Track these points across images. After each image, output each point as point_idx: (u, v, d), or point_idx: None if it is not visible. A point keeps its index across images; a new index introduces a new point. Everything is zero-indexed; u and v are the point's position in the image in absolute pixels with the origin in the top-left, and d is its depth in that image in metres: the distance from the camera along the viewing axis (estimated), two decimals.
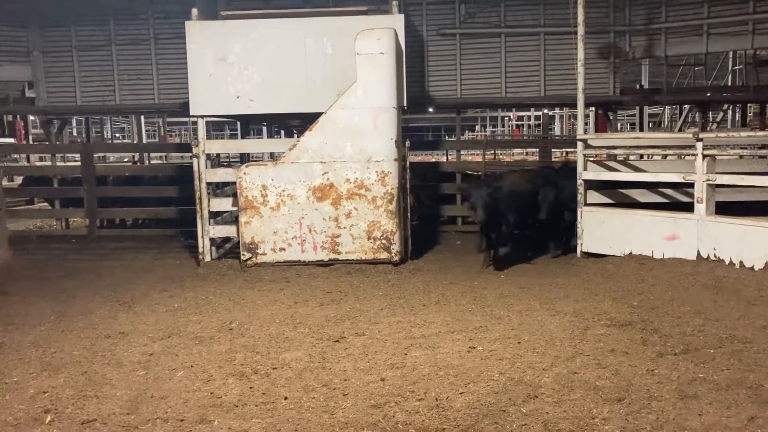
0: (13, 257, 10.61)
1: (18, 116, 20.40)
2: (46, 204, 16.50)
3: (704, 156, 8.88)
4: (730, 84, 19.40)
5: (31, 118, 22.02)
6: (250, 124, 19.97)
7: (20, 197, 16.76)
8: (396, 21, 10.49)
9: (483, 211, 9.22)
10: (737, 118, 21.19)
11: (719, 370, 5.27)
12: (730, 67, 19.79)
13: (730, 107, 20.95)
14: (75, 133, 29.17)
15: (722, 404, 4.65)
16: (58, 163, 16.65)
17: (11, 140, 19.39)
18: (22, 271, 10.11)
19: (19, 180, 17.04)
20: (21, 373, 5.62)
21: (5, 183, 12.64)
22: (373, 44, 9.65)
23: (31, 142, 21.20)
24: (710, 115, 20.77)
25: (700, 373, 5.23)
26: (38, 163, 19.15)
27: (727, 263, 8.61)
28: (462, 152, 18.17)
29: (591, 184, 10.26)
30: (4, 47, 15.45)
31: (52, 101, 15.55)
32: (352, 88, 9.73)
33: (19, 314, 7.54)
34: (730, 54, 19.18)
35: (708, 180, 8.85)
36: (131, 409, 4.79)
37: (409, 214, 10.50)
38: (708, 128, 18.05)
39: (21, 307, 7.86)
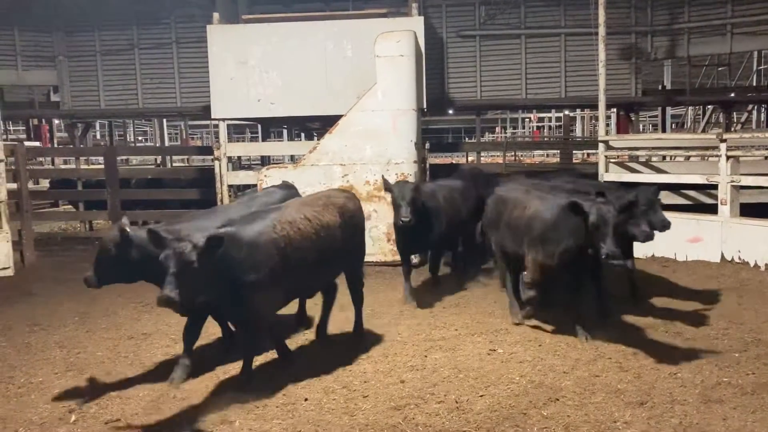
0: (38, 258, 10.77)
1: (43, 120, 20.70)
2: (70, 206, 16.72)
3: (728, 157, 8.77)
4: (754, 84, 19.14)
5: (56, 121, 22.37)
6: (270, 127, 20.10)
7: (45, 200, 16.99)
8: (415, 23, 10.52)
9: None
10: (762, 119, 20.89)
11: (744, 374, 5.20)
12: (754, 67, 19.54)
13: (755, 108, 20.66)
14: (98, 137, 29.55)
15: (747, 409, 4.58)
16: (82, 166, 16.90)
17: (37, 143, 19.65)
18: (47, 272, 10.25)
19: (44, 183, 17.29)
20: (46, 374, 5.71)
21: (30, 185, 12.81)
22: (393, 47, 9.66)
23: (56, 145, 21.50)
24: (734, 116, 20.48)
25: (724, 377, 5.16)
26: (63, 166, 19.41)
27: (752, 265, 8.49)
28: (482, 154, 18.12)
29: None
30: (30, 52, 15.73)
31: (77, 105, 15.80)
32: (371, 91, 9.76)
33: (44, 315, 7.65)
34: (755, 54, 18.93)
35: (732, 181, 8.74)
36: (154, 410, 4.84)
37: None
38: (732, 129, 17.82)
39: (46, 308, 7.98)
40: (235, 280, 4.87)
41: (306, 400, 4.97)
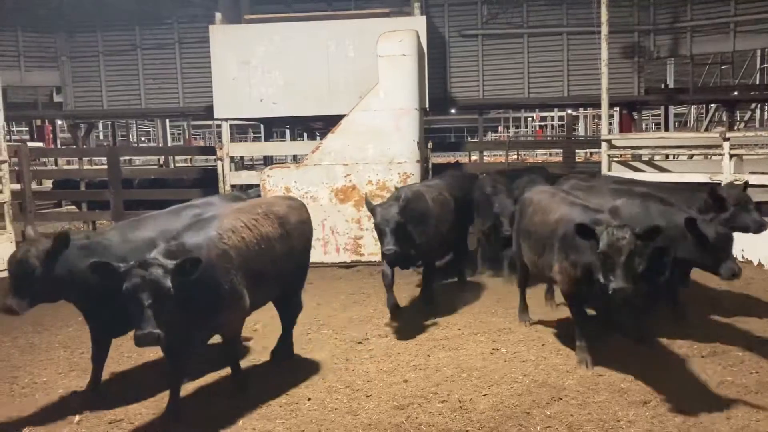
0: None
1: (46, 120, 20.75)
2: (73, 207, 16.75)
3: (731, 156, 8.77)
4: (757, 82, 19.09)
5: (59, 122, 22.40)
6: (273, 127, 20.11)
7: (48, 200, 17.02)
8: (418, 23, 10.52)
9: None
10: (765, 117, 20.84)
11: (748, 373, 5.19)
12: (758, 65, 19.49)
13: (758, 106, 20.62)
14: (101, 137, 29.58)
15: (751, 408, 4.57)
16: (85, 167, 16.92)
17: (40, 144, 19.69)
18: None
19: (47, 183, 17.32)
20: (50, 374, 5.73)
21: (34, 186, 12.85)
22: (395, 46, 9.67)
23: (59, 145, 21.56)
24: (737, 115, 20.45)
25: (728, 376, 5.15)
26: (66, 167, 19.45)
27: (755, 264, 8.47)
28: (485, 153, 18.13)
29: None
30: (32, 53, 15.76)
31: (80, 105, 15.83)
32: (374, 90, 9.76)
33: (48, 315, 7.65)
34: (758, 52, 18.88)
35: (735, 180, 8.72)
36: (157, 410, 4.84)
37: None
38: (735, 127, 17.78)
39: (49, 309, 7.93)
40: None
41: (309, 399, 4.97)
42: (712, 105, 19.73)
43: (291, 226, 5.51)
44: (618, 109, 17.52)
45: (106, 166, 13.45)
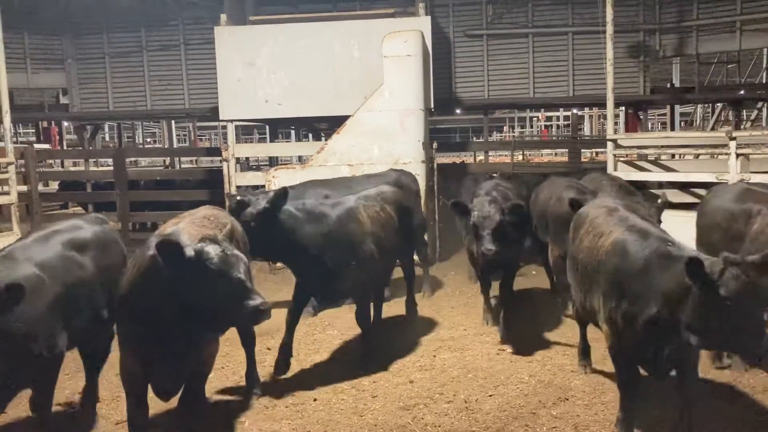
0: None
1: (53, 122, 20.82)
2: (79, 208, 16.80)
3: (738, 155, 8.72)
4: (764, 81, 19.00)
5: (66, 124, 22.48)
6: (278, 128, 20.14)
7: (55, 201, 17.09)
8: (422, 23, 10.52)
9: None
10: None
11: (755, 374, 5.17)
12: (764, 64, 19.39)
13: (765, 105, 20.51)
14: (107, 139, 29.68)
15: (758, 407, 4.56)
16: (91, 168, 16.98)
17: (46, 146, 19.76)
18: None
19: (53, 185, 17.39)
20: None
21: (40, 188, 12.89)
22: (400, 46, 9.67)
23: (65, 147, 21.65)
24: (744, 113, 20.35)
25: (735, 377, 5.13)
26: (72, 169, 19.51)
27: None
28: (490, 153, 18.09)
29: None
30: (39, 55, 15.83)
31: (86, 107, 15.89)
32: (379, 91, 9.77)
33: None
34: (764, 51, 18.80)
35: (742, 179, 8.68)
36: (164, 410, 4.85)
37: (437, 216, 10.46)
38: (741, 127, 17.69)
39: None
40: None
41: (315, 400, 4.98)
42: (719, 104, 19.65)
43: (244, 240, 4.87)
44: (623, 108, 17.47)
45: (112, 168, 13.48)
